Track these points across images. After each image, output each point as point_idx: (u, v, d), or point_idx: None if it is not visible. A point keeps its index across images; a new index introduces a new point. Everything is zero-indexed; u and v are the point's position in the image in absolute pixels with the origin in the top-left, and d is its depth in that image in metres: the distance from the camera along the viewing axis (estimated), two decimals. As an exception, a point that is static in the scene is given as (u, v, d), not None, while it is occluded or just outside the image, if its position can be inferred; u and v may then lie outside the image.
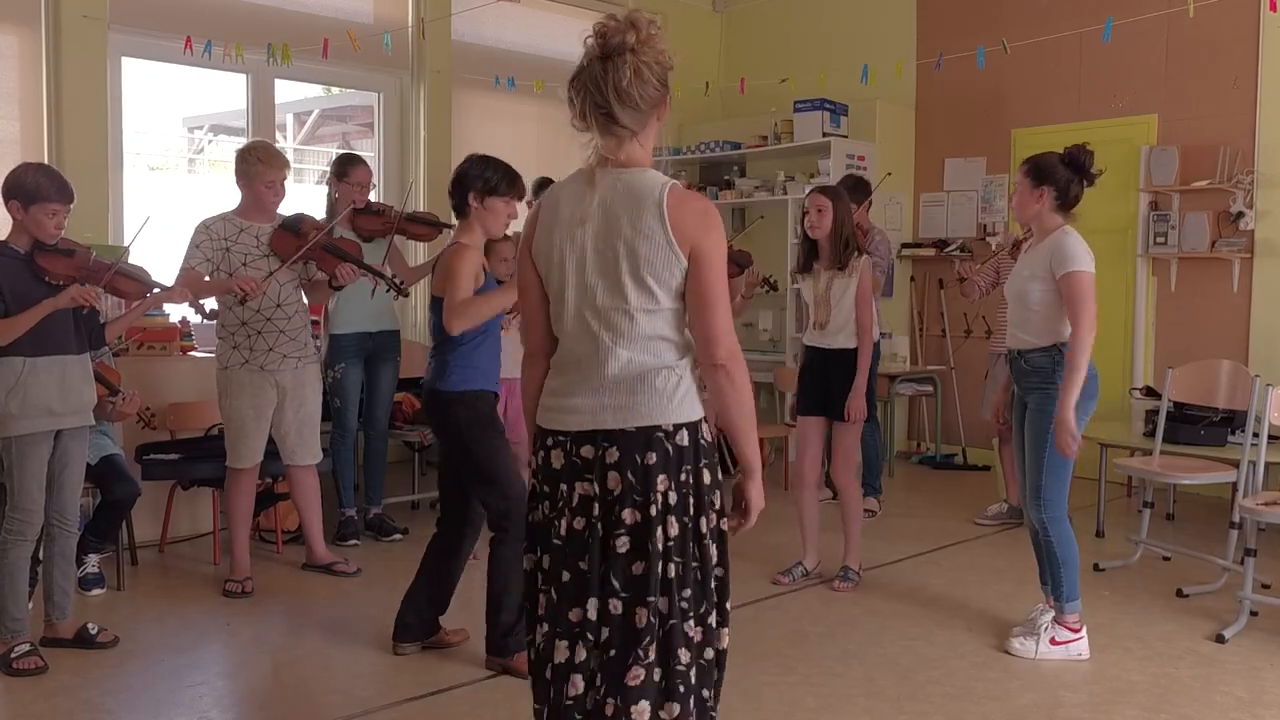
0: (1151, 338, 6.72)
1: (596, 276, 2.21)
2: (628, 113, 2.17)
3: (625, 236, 2.18)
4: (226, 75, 6.53)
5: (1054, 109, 7.03)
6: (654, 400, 2.20)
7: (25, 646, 3.61)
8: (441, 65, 7.20)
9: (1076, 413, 3.70)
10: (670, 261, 2.17)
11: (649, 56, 2.17)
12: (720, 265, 2.21)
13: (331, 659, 3.85)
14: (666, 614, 2.18)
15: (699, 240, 2.17)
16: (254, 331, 4.42)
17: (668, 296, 2.19)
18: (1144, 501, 5.04)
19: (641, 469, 2.18)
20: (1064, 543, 3.81)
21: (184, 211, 6.07)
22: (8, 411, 3.54)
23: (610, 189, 2.21)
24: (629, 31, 2.14)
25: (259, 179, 4.41)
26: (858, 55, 7.19)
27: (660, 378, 2.21)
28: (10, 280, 3.54)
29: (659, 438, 2.19)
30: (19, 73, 5.76)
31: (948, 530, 5.63)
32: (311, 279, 4.57)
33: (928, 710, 3.38)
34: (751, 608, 4.35)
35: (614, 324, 2.21)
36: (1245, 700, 3.48)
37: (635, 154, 2.23)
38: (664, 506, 2.19)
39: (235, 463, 4.50)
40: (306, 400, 4.58)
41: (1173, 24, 6.34)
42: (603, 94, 2.16)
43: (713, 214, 2.22)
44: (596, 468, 2.21)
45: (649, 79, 2.17)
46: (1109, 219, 6.67)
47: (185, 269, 4.38)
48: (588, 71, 2.18)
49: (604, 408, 2.21)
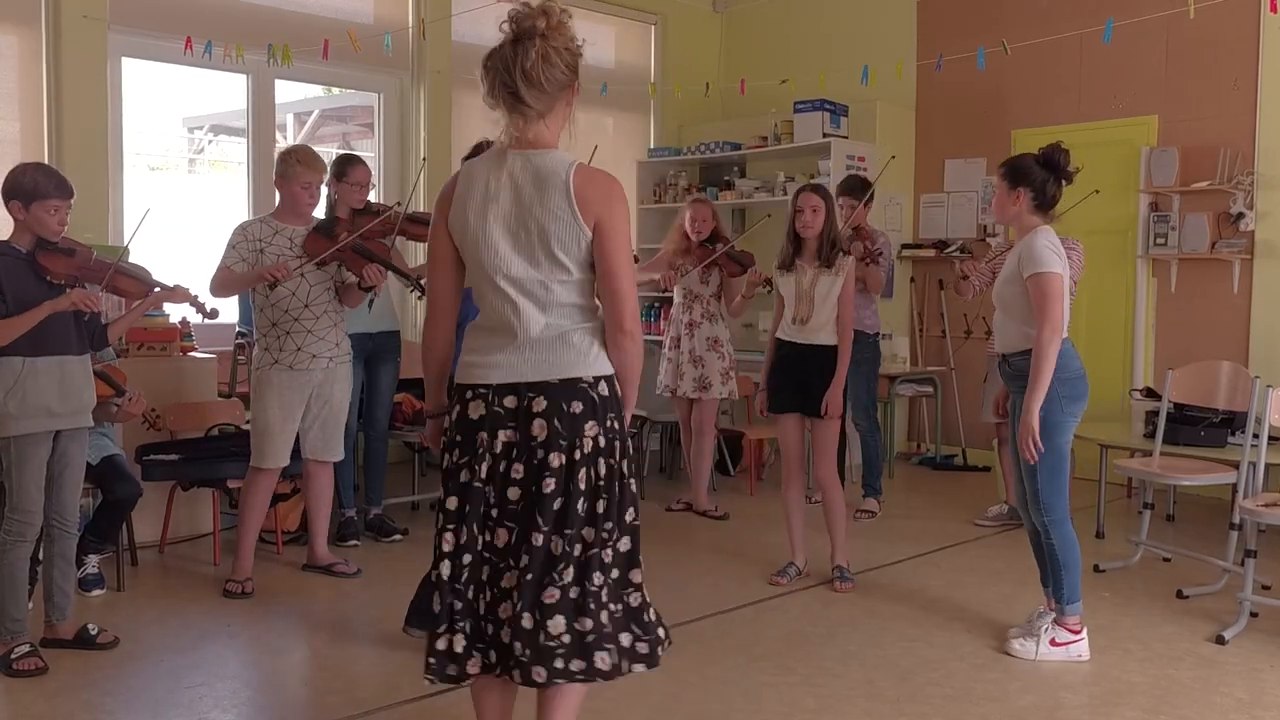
0: (1151, 339, 6.73)
1: (512, 251, 2.43)
2: (533, 93, 2.36)
3: (536, 216, 2.40)
4: (226, 75, 6.53)
5: (1054, 110, 7.03)
6: (574, 356, 2.46)
7: (25, 647, 3.60)
8: (442, 66, 7.21)
9: (1064, 414, 3.71)
10: (579, 236, 2.40)
11: (557, 42, 2.36)
12: (622, 236, 2.44)
13: (331, 660, 3.85)
14: (591, 543, 2.44)
15: (602, 214, 2.39)
16: (283, 332, 4.46)
17: (578, 268, 2.44)
18: (1144, 503, 5.04)
19: (568, 416, 2.42)
20: (1066, 545, 3.80)
21: (184, 212, 6.10)
22: (7, 411, 3.53)
23: (521, 169, 2.42)
24: (539, 18, 2.34)
25: (296, 180, 4.46)
26: (858, 56, 7.20)
27: (577, 336, 2.47)
28: (11, 279, 3.54)
29: (583, 388, 2.45)
30: (19, 73, 5.76)
31: (947, 531, 5.63)
32: (344, 282, 4.60)
33: (927, 711, 3.38)
34: (751, 609, 4.35)
35: (531, 293, 2.44)
36: (1245, 702, 3.48)
37: (543, 135, 2.43)
38: (593, 449, 2.44)
39: (258, 462, 4.51)
40: (334, 397, 4.60)
41: (1173, 25, 6.34)
42: (510, 74, 2.34)
43: (615, 188, 2.44)
44: (521, 416, 2.44)
45: (556, 63, 2.36)
46: (1109, 220, 6.68)
47: (222, 268, 4.42)
48: (499, 53, 2.37)
49: (525, 362, 2.45)
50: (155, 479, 4.88)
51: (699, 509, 6.03)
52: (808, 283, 4.58)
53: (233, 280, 4.45)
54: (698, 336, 5.87)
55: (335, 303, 4.58)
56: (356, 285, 4.55)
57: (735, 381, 5.99)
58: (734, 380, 5.97)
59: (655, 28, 8.54)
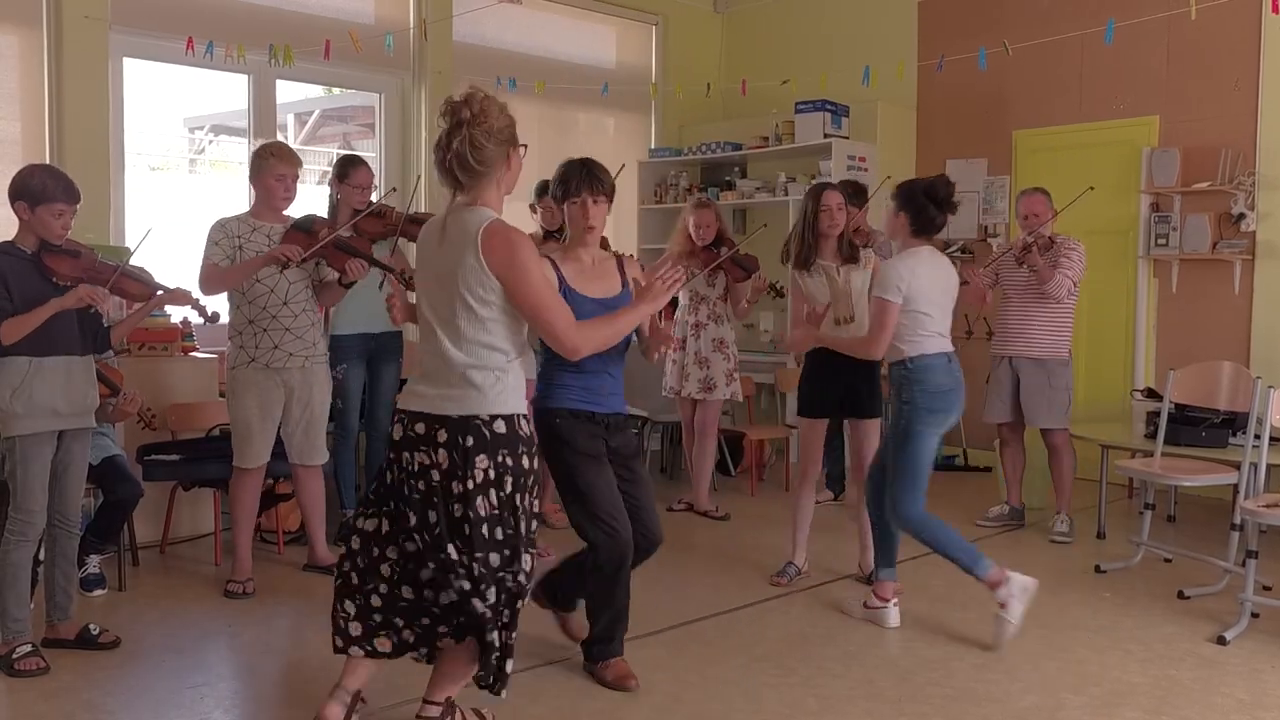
0: (1152, 339, 6.72)
1: (439, 293, 2.84)
2: (466, 174, 2.80)
3: (454, 263, 2.79)
4: (227, 75, 6.53)
5: (1055, 110, 7.03)
6: (475, 395, 2.81)
7: (27, 647, 3.61)
8: (443, 66, 7.20)
9: (923, 424, 3.98)
10: (486, 284, 2.77)
11: (484, 126, 2.78)
12: (532, 283, 2.79)
13: (333, 660, 3.84)
14: (497, 567, 2.82)
15: (504, 270, 2.76)
16: (260, 330, 4.43)
17: (487, 311, 2.80)
18: (1145, 503, 5.03)
19: (462, 449, 2.79)
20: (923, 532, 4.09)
21: (185, 212, 6.10)
22: (12, 411, 3.54)
23: (454, 224, 2.83)
24: (464, 109, 2.79)
25: (269, 172, 4.44)
26: (859, 56, 7.19)
27: (481, 375, 2.81)
28: (17, 280, 3.55)
29: (476, 425, 2.80)
30: (20, 73, 5.76)
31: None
32: (323, 279, 4.58)
33: (928, 712, 3.38)
34: (752, 609, 4.36)
35: (450, 331, 2.83)
36: (1246, 703, 3.48)
37: (482, 194, 2.85)
38: (483, 481, 2.80)
39: (241, 462, 4.51)
40: (314, 400, 4.58)
41: (1174, 26, 6.34)
42: (445, 159, 2.80)
43: (514, 245, 2.77)
44: (430, 443, 2.82)
45: (483, 145, 2.78)
46: (1110, 220, 6.68)
47: (209, 265, 4.39)
48: (439, 141, 2.82)
49: (438, 396, 2.83)
50: (156, 479, 4.89)
51: (700, 509, 6.04)
52: (841, 280, 4.59)
53: (228, 274, 4.38)
54: (704, 338, 5.87)
55: (313, 301, 4.55)
56: (337, 281, 4.52)
57: (739, 382, 6.00)
58: (738, 381, 5.97)
59: (656, 28, 8.53)
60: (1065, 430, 5.53)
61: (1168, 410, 5.10)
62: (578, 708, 3.39)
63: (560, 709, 3.39)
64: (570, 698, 3.47)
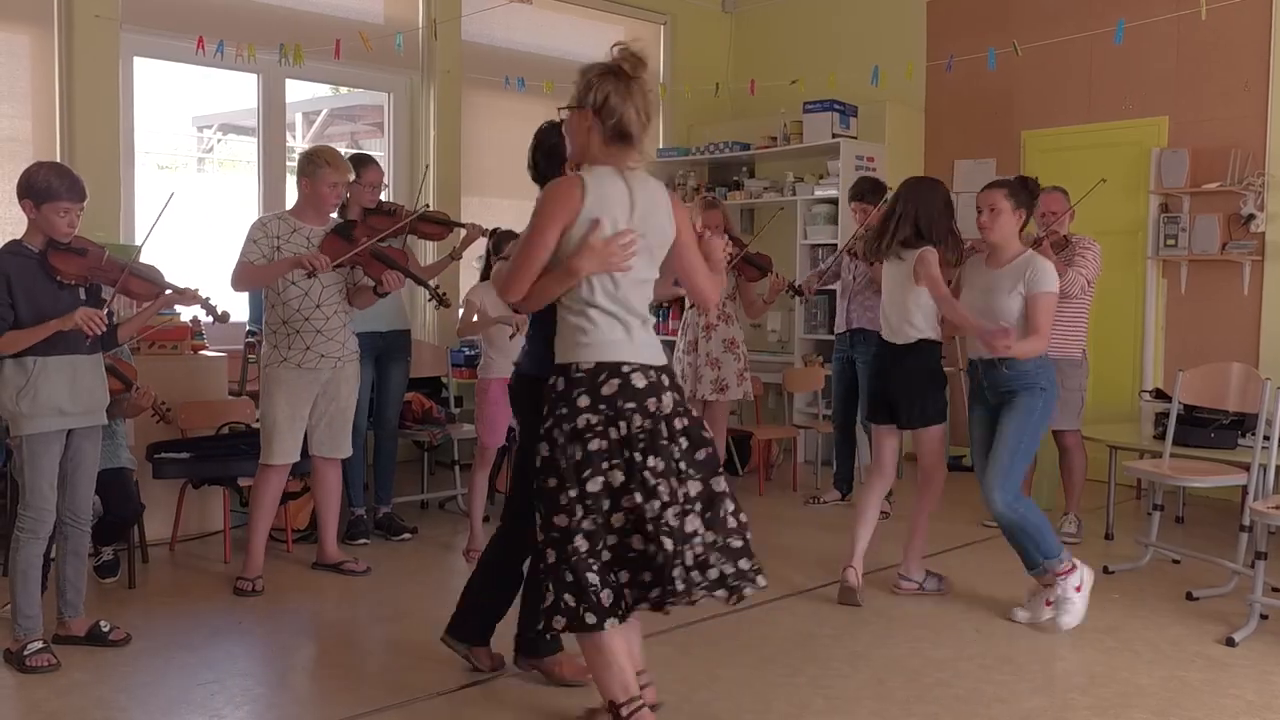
0: (1161, 340, 6.71)
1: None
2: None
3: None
4: (236, 74, 6.55)
5: (1064, 111, 7.02)
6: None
7: (38, 644, 3.62)
8: (452, 65, 7.22)
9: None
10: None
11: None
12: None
13: (342, 658, 3.86)
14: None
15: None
16: (293, 331, 4.47)
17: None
18: (1154, 504, 5.03)
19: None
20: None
21: (193, 210, 6.11)
22: (19, 411, 3.55)
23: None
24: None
25: (323, 180, 4.47)
26: (868, 56, 7.20)
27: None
28: (22, 279, 3.55)
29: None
30: (31, 72, 5.79)
31: (955, 532, 5.63)
32: (357, 284, 4.62)
33: (936, 712, 3.38)
34: (759, 609, 4.35)
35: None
36: (1255, 704, 3.48)
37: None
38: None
39: (267, 459, 4.53)
40: (341, 395, 4.62)
41: (1184, 26, 6.33)
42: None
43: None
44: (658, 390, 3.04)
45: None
46: (1119, 221, 6.67)
47: (243, 262, 4.43)
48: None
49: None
50: (166, 477, 4.91)
51: (707, 509, 6.02)
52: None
53: (259, 273, 4.45)
54: (715, 339, 5.86)
55: (345, 304, 4.60)
56: (372, 290, 4.57)
57: (750, 382, 5.98)
58: (749, 381, 5.96)
59: (665, 28, 8.54)
60: (1077, 431, 5.52)
61: (1176, 411, 5.09)
62: (580, 708, 3.38)
63: (561, 709, 3.39)
64: (575, 698, 3.46)
